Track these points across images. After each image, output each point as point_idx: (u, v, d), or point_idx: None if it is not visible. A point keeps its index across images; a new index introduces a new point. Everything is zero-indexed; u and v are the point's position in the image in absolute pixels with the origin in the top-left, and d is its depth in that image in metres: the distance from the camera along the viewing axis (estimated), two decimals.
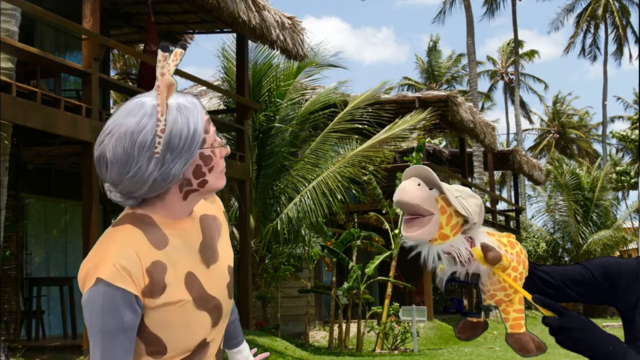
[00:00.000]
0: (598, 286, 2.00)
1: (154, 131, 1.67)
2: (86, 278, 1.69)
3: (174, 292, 1.74)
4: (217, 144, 1.76)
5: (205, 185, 1.76)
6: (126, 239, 1.72)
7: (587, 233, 29.36)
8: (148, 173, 1.67)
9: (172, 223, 1.78)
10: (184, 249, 1.78)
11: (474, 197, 1.88)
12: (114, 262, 1.67)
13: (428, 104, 16.99)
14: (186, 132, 1.69)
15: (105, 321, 1.67)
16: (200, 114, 1.73)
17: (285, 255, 14.68)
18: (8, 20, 8.09)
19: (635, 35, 45.68)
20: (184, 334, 1.77)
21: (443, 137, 35.89)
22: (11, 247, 9.48)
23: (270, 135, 14.32)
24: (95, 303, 1.67)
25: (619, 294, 1.99)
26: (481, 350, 13.57)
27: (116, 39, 13.60)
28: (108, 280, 1.66)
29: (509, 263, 1.88)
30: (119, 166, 1.68)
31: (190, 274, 1.77)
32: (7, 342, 8.49)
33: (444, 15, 41.82)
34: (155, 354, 1.78)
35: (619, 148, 49.87)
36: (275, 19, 11.79)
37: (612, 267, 2.01)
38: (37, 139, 9.23)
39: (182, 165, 1.69)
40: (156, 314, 1.73)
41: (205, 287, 1.80)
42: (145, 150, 1.66)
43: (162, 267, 1.72)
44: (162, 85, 1.68)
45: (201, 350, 1.83)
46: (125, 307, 1.67)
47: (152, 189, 1.70)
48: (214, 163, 1.75)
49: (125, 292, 1.67)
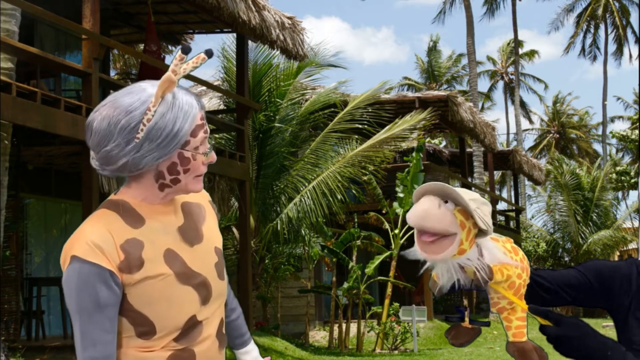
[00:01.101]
0: (592, 289, 2.00)
1: (141, 118, 1.73)
2: (65, 259, 1.75)
3: (153, 267, 1.77)
4: (201, 150, 1.80)
5: (177, 184, 1.81)
6: (99, 220, 1.79)
7: (587, 233, 29.36)
8: (122, 154, 1.74)
9: (150, 207, 1.83)
10: (162, 229, 1.83)
11: (486, 204, 1.83)
12: (86, 240, 1.73)
13: (428, 104, 16.99)
14: (169, 129, 1.74)
15: (81, 298, 1.72)
16: (191, 117, 1.77)
17: (285, 255, 14.68)
18: (8, 20, 8.09)
19: (635, 35, 45.69)
20: (169, 309, 1.78)
21: (443, 137, 35.89)
22: (11, 247, 9.48)
23: (270, 135, 14.32)
24: (71, 281, 1.73)
25: (613, 297, 1.99)
26: (481, 350, 13.57)
27: (116, 39, 13.60)
28: (81, 257, 1.72)
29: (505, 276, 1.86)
30: (99, 138, 1.75)
31: (170, 250, 1.81)
32: (7, 342, 8.49)
33: (444, 15, 41.84)
34: (145, 335, 1.78)
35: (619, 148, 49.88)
36: (275, 19, 11.79)
37: (606, 270, 2.01)
38: (37, 139, 9.22)
39: (155, 158, 1.75)
40: (137, 289, 1.75)
41: (189, 264, 1.83)
42: (126, 133, 1.73)
43: (138, 244, 1.77)
44: (162, 79, 1.75)
45: (193, 330, 1.82)
46: (100, 283, 1.71)
47: (122, 169, 1.77)
48: (191, 166, 1.80)
49: (98, 268, 1.71)
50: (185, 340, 1.81)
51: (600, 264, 2.03)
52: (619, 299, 1.98)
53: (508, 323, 1.92)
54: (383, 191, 15.52)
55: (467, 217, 1.77)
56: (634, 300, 1.96)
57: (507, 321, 1.93)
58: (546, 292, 1.99)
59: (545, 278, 2.00)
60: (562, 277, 2.02)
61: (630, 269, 2.00)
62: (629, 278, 1.98)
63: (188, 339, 1.81)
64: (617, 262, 2.05)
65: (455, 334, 2.00)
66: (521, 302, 1.89)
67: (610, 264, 2.03)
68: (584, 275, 2.00)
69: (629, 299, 1.96)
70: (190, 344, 1.82)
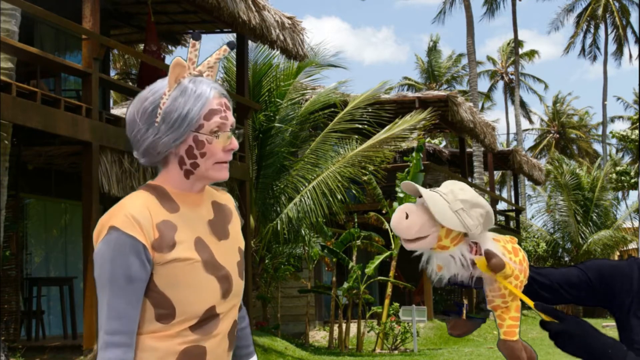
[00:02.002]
0: (593, 288, 2.00)
1: (157, 103, 1.86)
2: (100, 231, 1.81)
3: (184, 250, 1.83)
4: (218, 134, 1.86)
5: (197, 169, 1.88)
6: (139, 198, 1.86)
7: (587, 233, 29.35)
8: (144, 137, 1.86)
9: (183, 195, 1.90)
10: (194, 218, 1.90)
11: (480, 207, 1.87)
12: (125, 212, 1.80)
13: (428, 104, 16.99)
14: (179, 111, 1.84)
15: (113, 268, 1.76)
16: (202, 101, 1.85)
17: (285, 255, 14.68)
18: (8, 20, 8.09)
19: (635, 35, 45.68)
20: (192, 295, 1.82)
21: (443, 137, 35.89)
22: (11, 247, 9.48)
23: (270, 135, 14.32)
24: (106, 251, 1.78)
25: (614, 296, 1.99)
26: (481, 350, 13.57)
27: (116, 39, 13.59)
28: (119, 227, 1.78)
29: (511, 271, 1.88)
30: (128, 125, 1.90)
31: (200, 239, 1.88)
32: (7, 342, 8.49)
33: (444, 15, 41.83)
34: (164, 318, 1.82)
35: (619, 148, 49.86)
36: (275, 19, 11.79)
37: (607, 269, 2.01)
38: (37, 139, 9.22)
39: (172, 140, 1.84)
40: (165, 270, 1.81)
41: (215, 255, 1.89)
42: (147, 117, 1.86)
43: (172, 226, 1.84)
44: (172, 64, 1.87)
45: (210, 322, 1.86)
46: (134, 256, 1.77)
47: (146, 154, 1.88)
48: (207, 150, 1.86)
49: (134, 240, 1.77)
50: (200, 331, 1.84)
51: (601, 263, 2.04)
52: (620, 298, 1.98)
53: (501, 321, 1.94)
54: (383, 191, 15.51)
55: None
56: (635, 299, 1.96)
57: (500, 319, 1.95)
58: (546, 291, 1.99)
59: (545, 276, 2.00)
60: (562, 276, 2.02)
61: (632, 268, 2.00)
62: (630, 277, 1.98)
63: (203, 331, 1.85)
64: (618, 261, 2.05)
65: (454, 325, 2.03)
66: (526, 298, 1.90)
67: (612, 263, 2.03)
68: (585, 274, 2.01)
69: (630, 298, 1.97)
70: (204, 337, 1.85)
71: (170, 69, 1.86)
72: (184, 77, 1.87)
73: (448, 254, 1.86)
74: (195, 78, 1.87)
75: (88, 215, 8.70)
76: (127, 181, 9.27)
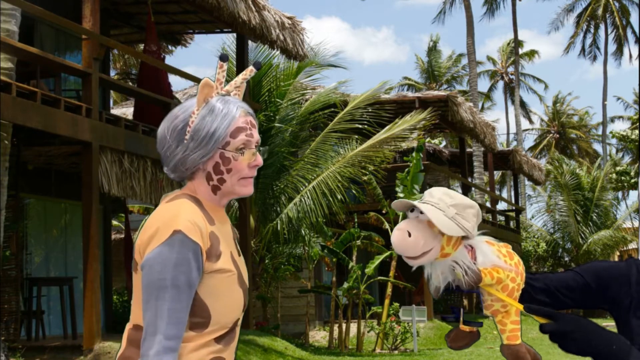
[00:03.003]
0: (591, 291, 2.00)
1: (187, 121, 1.92)
2: (156, 234, 1.82)
3: (226, 262, 1.90)
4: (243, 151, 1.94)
5: (223, 185, 1.94)
6: (191, 206, 1.90)
7: (587, 233, 29.34)
8: (174, 154, 1.93)
9: (213, 209, 1.96)
10: (226, 232, 1.98)
11: (470, 207, 1.88)
12: (188, 218, 1.84)
13: (428, 104, 16.98)
14: (207, 130, 1.90)
15: (176, 273, 1.79)
16: (228, 119, 1.93)
17: (285, 255, 14.68)
18: (8, 20, 8.09)
19: (635, 35, 45.67)
20: (227, 306, 1.89)
21: (443, 137, 35.88)
22: (11, 247, 9.48)
23: (270, 135, 14.32)
24: (170, 255, 1.79)
25: (612, 297, 1.99)
26: (481, 350, 13.57)
27: (116, 39, 13.59)
28: (186, 233, 1.81)
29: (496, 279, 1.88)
30: (160, 141, 1.97)
31: (232, 253, 1.95)
32: (7, 342, 8.49)
33: (444, 15, 41.82)
34: (197, 327, 1.85)
35: (619, 148, 49.85)
36: (275, 19, 11.79)
37: (604, 271, 2.01)
38: (37, 139, 9.22)
39: (200, 157, 1.91)
40: (209, 279, 1.86)
41: (241, 270, 1.96)
42: (176, 135, 1.93)
43: (216, 237, 1.91)
44: (200, 84, 1.93)
45: (231, 333, 1.93)
46: (195, 262, 1.81)
47: (175, 169, 1.95)
48: (233, 166, 1.93)
49: (197, 246, 1.82)
50: (223, 342, 1.90)
51: (598, 265, 2.04)
52: (619, 299, 1.98)
53: (502, 326, 1.94)
54: (383, 191, 15.51)
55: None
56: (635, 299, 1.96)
57: (501, 324, 1.94)
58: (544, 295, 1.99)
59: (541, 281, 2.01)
60: (559, 280, 2.02)
61: (630, 268, 2.00)
62: (628, 278, 1.98)
63: (225, 342, 1.91)
64: (615, 262, 2.05)
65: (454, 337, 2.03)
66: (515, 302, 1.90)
67: (609, 265, 2.03)
68: (582, 277, 2.01)
69: (629, 298, 1.97)
70: (225, 347, 1.91)
71: (199, 89, 1.93)
72: (212, 96, 1.94)
73: (450, 260, 1.86)
74: (223, 97, 1.95)
75: (88, 215, 8.70)
76: (127, 181, 9.27)
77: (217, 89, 1.95)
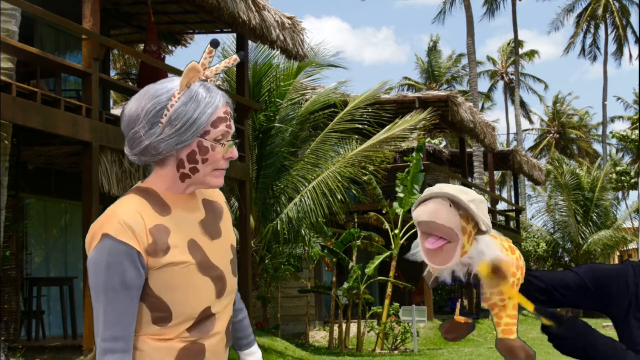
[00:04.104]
0: (589, 292, 2.01)
1: (165, 104, 1.84)
2: (92, 238, 1.82)
3: (178, 254, 1.83)
4: (222, 141, 1.87)
5: (195, 174, 1.88)
6: (130, 203, 1.86)
7: (587, 233, 29.34)
8: (146, 136, 1.84)
9: (174, 196, 1.90)
10: (186, 219, 1.90)
11: (483, 202, 1.87)
12: (118, 219, 1.80)
13: (428, 104, 16.98)
14: (188, 116, 1.83)
15: (109, 276, 1.76)
16: (211, 108, 1.85)
17: (285, 255, 14.68)
18: (8, 20, 8.08)
19: (635, 35, 45.66)
20: (187, 297, 1.83)
21: (443, 137, 35.87)
22: (11, 247, 9.47)
23: (270, 135, 14.32)
24: (100, 259, 1.78)
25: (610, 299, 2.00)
26: (481, 350, 13.56)
27: (116, 39, 13.59)
28: (113, 235, 1.78)
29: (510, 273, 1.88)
30: (129, 120, 1.87)
31: (193, 240, 1.88)
32: (7, 342, 8.48)
33: (444, 15, 41.83)
34: (161, 321, 1.83)
35: (619, 148, 49.85)
36: (275, 19, 11.79)
37: (602, 273, 2.02)
38: (37, 139, 9.21)
39: (174, 144, 1.84)
40: (160, 274, 1.81)
41: (209, 256, 1.89)
42: (151, 116, 1.84)
43: (165, 230, 1.84)
44: (187, 68, 1.85)
45: (206, 322, 1.88)
46: (128, 263, 1.77)
47: (145, 152, 1.86)
48: (209, 157, 1.87)
49: (128, 247, 1.77)
50: (197, 332, 1.86)
51: (596, 267, 2.05)
52: (617, 300, 1.99)
53: (498, 319, 1.94)
54: (383, 191, 15.51)
55: (468, 220, 1.81)
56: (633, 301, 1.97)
57: (497, 317, 1.94)
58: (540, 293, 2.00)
59: (539, 278, 2.01)
60: (558, 279, 2.03)
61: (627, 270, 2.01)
62: (626, 280, 1.99)
63: (200, 331, 1.86)
64: (612, 265, 2.06)
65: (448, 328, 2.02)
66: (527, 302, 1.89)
67: (606, 267, 2.05)
68: (580, 278, 2.02)
69: (627, 299, 1.97)
70: (202, 336, 1.86)
71: (184, 72, 1.84)
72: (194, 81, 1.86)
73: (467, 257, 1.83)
74: (205, 83, 1.88)
75: (88, 215, 8.69)
76: (127, 181, 9.26)
77: (201, 73, 1.88)
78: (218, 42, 1.89)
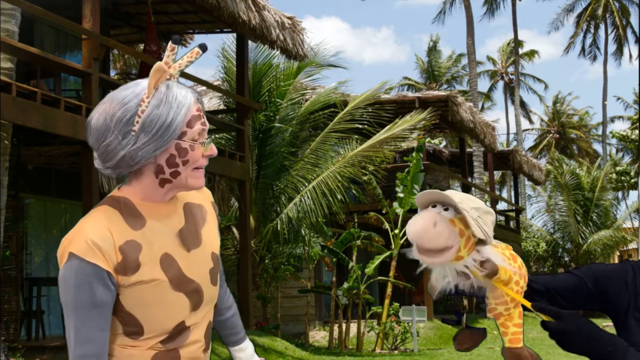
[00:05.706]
0: (590, 293, 2.01)
1: (135, 110, 1.73)
2: (62, 255, 1.75)
3: (148, 271, 1.77)
4: (199, 140, 1.79)
5: (177, 177, 1.80)
6: (101, 217, 1.77)
7: (587, 233, 29.33)
8: (120, 147, 1.74)
9: (151, 206, 1.82)
10: (162, 231, 1.82)
11: (489, 213, 1.85)
12: (86, 238, 1.72)
13: (428, 104, 16.98)
14: (163, 120, 1.74)
15: (77, 296, 1.71)
16: (185, 107, 1.76)
17: (285, 255, 14.67)
18: (8, 20, 8.08)
19: (635, 35, 45.66)
20: (159, 314, 1.78)
21: (443, 137, 35.88)
22: (11, 247, 9.47)
23: (270, 135, 14.32)
24: (68, 278, 1.72)
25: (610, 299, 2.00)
26: (481, 350, 13.56)
27: (116, 39, 13.59)
28: (80, 255, 1.71)
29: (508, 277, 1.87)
30: (97, 133, 1.75)
31: (167, 255, 1.81)
32: (7, 342, 8.48)
33: (444, 15, 41.84)
34: (132, 335, 1.79)
35: (619, 148, 49.86)
36: (275, 19, 11.79)
37: (601, 273, 2.02)
38: (37, 139, 9.22)
39: (152, 150, 1.75)
40: (131, 292, 1.76)
41: (184, 270, 1.82)
42: (122, 125, 1.73)
43: (136, 246, 1.76)
44: (153, 69, 1.75)
45: (181, 335, 1.83)
46: (97, 282, 1.71)
47: (121, 164, 1.76)
48: (190, 157, 1.78)
49: (96, 267, 1.71)
50: (172, 343, 1.82)
51: (595, 268, 2.05)
52: (617, 300, 1.99)
53: (504, 329, 1.94)
54: (383, 191, 15.50)
55: (467, 225, 1.79)
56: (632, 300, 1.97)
57: (503, 327, 1.94)
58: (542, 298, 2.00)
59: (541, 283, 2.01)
60: (558, 282, 2.03)
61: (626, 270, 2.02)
62: (625, 280, 2.00)
63: (175, 342, 1.82)
64: (611, 264, 2.06)
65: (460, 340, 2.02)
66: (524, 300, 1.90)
67: (606, 267, 2.05)
68: (580, 280, 2.02)
69: (626, 299, 1.98)
70: (177, 346, 1.83)
71: (151, 74, 1.74)
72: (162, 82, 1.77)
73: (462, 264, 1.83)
74: (170, 83, 1.78)
75: None
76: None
77: (167, 73, 1.77)
78: (179, 40, 1.83)
